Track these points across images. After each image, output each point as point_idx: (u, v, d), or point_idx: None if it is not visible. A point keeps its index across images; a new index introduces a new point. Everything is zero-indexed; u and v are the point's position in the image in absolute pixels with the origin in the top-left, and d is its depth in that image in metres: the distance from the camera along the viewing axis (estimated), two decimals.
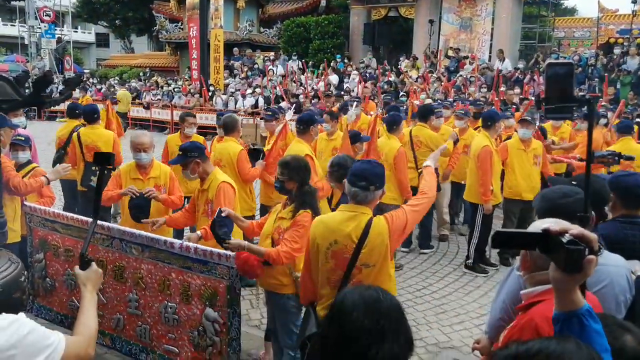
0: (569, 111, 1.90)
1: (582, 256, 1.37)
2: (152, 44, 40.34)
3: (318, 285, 3.24)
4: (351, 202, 3.15)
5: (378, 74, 18.61)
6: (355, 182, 3.10)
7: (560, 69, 1.86)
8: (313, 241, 3.20)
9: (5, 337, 1.75)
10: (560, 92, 1.87)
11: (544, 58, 17.72)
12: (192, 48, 22.31)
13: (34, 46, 33.22)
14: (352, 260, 3.04)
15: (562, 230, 1.40)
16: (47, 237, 4.79)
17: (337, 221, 3.13)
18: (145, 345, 4.19)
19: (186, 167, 4.44)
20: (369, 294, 1.71)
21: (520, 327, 2.10)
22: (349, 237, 3.05)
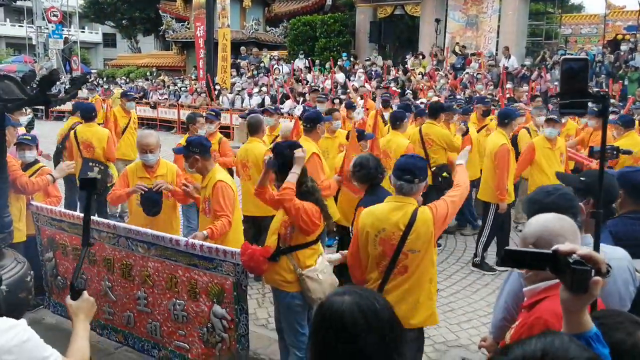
0: (584, 106, 1.88)
1: (588, 277, 1.36)
2: (158, 43, 40.46)
3: (366, 271, 3.54)
4: (397, 194, 3.46)
5: (384, 72, 18.58)
6: (401, 175, 3.40)
7: (575, 65, 1.84)
8: (363, 230, 3.48)
9: (5, 340, 1.70)
10: (574, 87, 1.85)
11: (550, 55, 17.64)
12: (199, 47, 22.34)
13: (41, 47, 33.39)
14: (398, 246, 3.34)
15: (570, 250, 1.39)
16: (55, 236, 4.81)
17: (385, 211, 3.43)
18: (157, 342, 4.22)
19: (187, 160, 4.48)
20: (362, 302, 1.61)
21: (529, 325, 2.07)
22: (396, 226, 3.35)
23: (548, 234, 2.11)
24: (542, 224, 2.16)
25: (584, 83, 1.86)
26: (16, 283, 3.56)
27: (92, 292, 4.57)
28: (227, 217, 4.29)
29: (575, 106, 1.89)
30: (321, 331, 1.60)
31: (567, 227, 2.12)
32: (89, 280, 4.59)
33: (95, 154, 7.18)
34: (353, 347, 1.54)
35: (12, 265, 3.66)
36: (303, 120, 6.00)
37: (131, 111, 9.05)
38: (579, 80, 1.86)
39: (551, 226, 2.13)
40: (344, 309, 1.56)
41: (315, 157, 5.44)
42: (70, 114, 8.23)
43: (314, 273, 3.69)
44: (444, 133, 7.28)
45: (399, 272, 3.41)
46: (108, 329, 4.54)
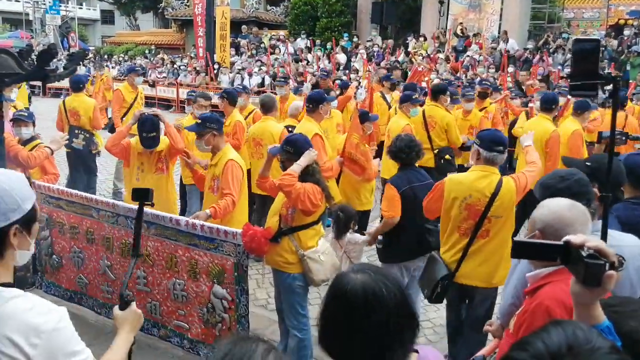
0: (594, 88, 1.85)
1: (601, 271, 1.34)
2: (157, 21, 39.97)
3: (447, 231, 3.81)
4: (485, 164, 3.70)
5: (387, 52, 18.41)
6: (493, 147, 3.67)
7: (588, 45, 1.80)
8: (449, 195, 3.74)
9: (39, 321, 1.63)
10: (585, 69, 1.82)
11: (554, 39, 17.47)
12: (198, 25, 22.09)
13: (38, 22, 33.00)
14: (484, 212, 3.62)
15: (581, 242, 1.36)
16: (52, 214, 4.78)
17: (471, 179, 3.71)
18: (157, 321, 4.22)
19: (201, 137, 4.42)
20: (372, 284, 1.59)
21: (531, 311, 2.07)
22: (482, 192, 3.63)
23: (558, 221, 2.10)
24: (553, 210, 2.14)
25: (594, 64, 1.83)
26: None
27: (90, 271, 4.57)
28: (232, 197, 4.27)
29: (586, 88, 1.85)
30: (329, 302, 1.62)
31: (579, 216, 2.11)
32: (87, 258, 4.58)
33: (81, 122, 7.66)
34: (353, 325, 1.54)
35: None
36: (306, 100, 5.95)
37: (138, 87, 9.06)
38: (590, 61, 1.83)
39: (562, 214, 2.11)
40: (351, 286, 1.56)
41: (318, 138, 5.40)
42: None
43: (316, 254, 3.68)
44: (447, 115, 7.23)
45: (481, 235, 3.67)
46: (107, 307, 4.53)
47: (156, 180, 4.99)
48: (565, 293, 1.99)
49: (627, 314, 1.65)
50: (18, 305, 1.65)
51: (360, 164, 5.36)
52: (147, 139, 4.86)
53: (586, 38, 1.88)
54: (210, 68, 19.90)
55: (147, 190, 2.35)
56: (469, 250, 3.69)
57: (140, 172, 5.03)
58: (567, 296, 1.98)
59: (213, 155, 4.48)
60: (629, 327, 1.58)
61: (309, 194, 3.55)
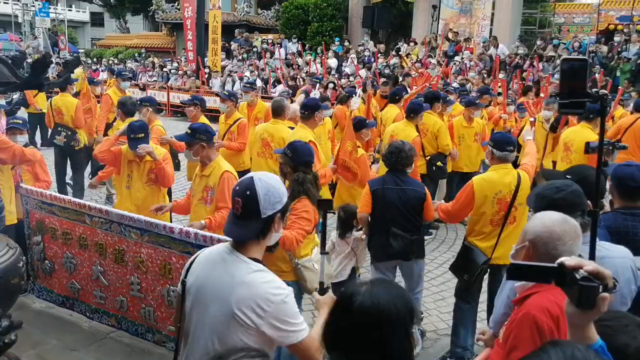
0: (582, 106, 1.90)
1: (595, 293, 1.37)
2: (148, 24, 39.86)
3: (476, 226, 4.32)
4: (498, 162, 4.29)
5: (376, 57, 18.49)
6: (505, 147, 4.25)
7: (576, 64, 1.85)
8: (480, 193, 4.23)
9: (273, 293, 2.05)
10: (574, 87, 1.87)
11: (544, 46, 17.60)
12: (187, 29, 22.06)
13: (27, 25, 32.76)
14: (511, 202, 4.20)
15: (576, 265, 1.39)
16: (45, 220, 4.79)
17: (497, 177, 4.26)
18: (151, 326, 4.23)
19: (190, 148, 4.39)
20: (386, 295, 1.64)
21: (518, 321, 2.10)
22: (509, 186, 4.21)
23: (548, 235, 2.14)
24: (545, 224, 2.18)
25: (583, 83, 1.88)
26: (9, 269, 3.54)
27: (83, 276, 4.58)
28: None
29: (574, 106, 1.90)
30: (335, 310, 1.70)
31: (569, 231, 2.14)
32: (79, 264, 4.58)
33: (64, 120, 8.18)
34: (351, 333, 1.60)
35: (4, 251, 3.62)
36: (301, 107, 5.98)
37: (126, 91, 9.06)
38: (578, 80, 1.87)
39: (552, 228, 2.15)
40: (354, 296, 1.61)
41: (312, 145, 5.43)
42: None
43: (310, 262, 3.72)
44: (439, 123, 7.30)
45: (510, 222, 4.24)
46: (100, 313, 4.54)
47: (148, 191, 5.00)
48: (552, 302, 2.04)
49: (618, 328, 1.69)
50: (259, 277, 2.09)
51: (353, 170, 5.41)
52: (133, 140, 4.84)
53: (574, 57, 1.94)
54: (201, 72, 19.87)
55: (330, 200, 3.00)
56: (501, 236, 4.24)
57: (130, 180, 5.02)
58: (553, 305, 2.03)
59: (203, 166, 4.43)
60: (619, 342, 1.62)
61: (304, 233, 3.56)
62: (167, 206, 4.64)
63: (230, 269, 2.11)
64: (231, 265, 2.12)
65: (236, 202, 2.15)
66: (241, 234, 2.16)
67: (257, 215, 2.12)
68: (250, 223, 2.13)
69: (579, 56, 15.66)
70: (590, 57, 15.84)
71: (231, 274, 2.09)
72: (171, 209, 4.73)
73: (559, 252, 2.11)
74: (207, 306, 2.12)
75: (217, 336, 2.08)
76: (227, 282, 2.08)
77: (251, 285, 2.05)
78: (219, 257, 2.19)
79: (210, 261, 2.21)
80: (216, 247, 2.28)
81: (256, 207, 2.10)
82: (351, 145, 5.43)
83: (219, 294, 2.08)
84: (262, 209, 2.11)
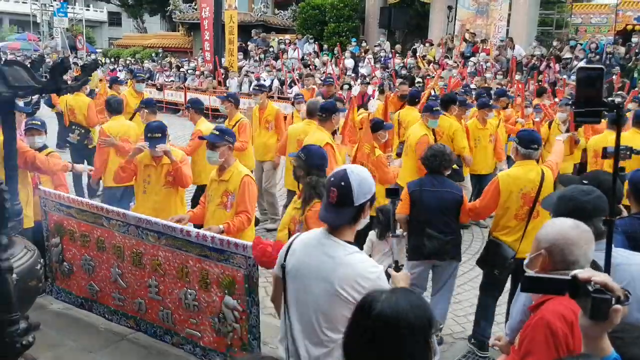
0: (598, 115, 1.89)
1: (607, 305, 1.38)
2: (165, 24, 40.13)
3: (501, 220, 4.49)
4: (522, 159, 4.45)
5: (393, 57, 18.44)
6: (529, 145, 4.42)
7: (592, 73, 1.85)
8: (506, 190, 4.40)
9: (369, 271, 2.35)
10: (589, 96, 1.86)
11: (561, 46, 17.43)
12: (204, 29, 22.19)
13: (46, 25, 33.18)
14: (536, 197, 4.34)
15: (588, 277, 1.41)
16: (63, 222, 4.85)
17: (522, 173, 4.41)
18: (169, 328, 4.27)
19: (215, 149, 4.38)
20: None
21: (532, 326, 2.11)
22: (534, 182, 4.37)
23: (564, 241, 2.15)
24: (558, 230, 2.20)
25: (599, 92, 1.88)
26: (27, 271, 3.58)
27: (102, 278, 4.63)
28: (248, 215, 4.31)
29: (589, 115, 1.90)
30: (354, 316, 1.72)
31: (583, 236, 2.16)
32: (97, 266, 4.64)
33: (77, 119, 8.71)
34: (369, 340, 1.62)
35: (22, 253, 3.66)
36: (319, 109, 6.00)
37: (143, 92, 9.23)
38: (594, 88, 1.87)
39: (568, 233, 2.17)
40: (374, 303, 1.64)
41: (329, 147, 5.47)
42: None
43: None
44: (455, 125, 7.28)
45: (534, 216, 4.39)
46: (118, 314, 4.59)
47: (165, 194, 5.04)
48: (566, 308, 2.04)
49: (629, 340, 1.69)
50: (357, 258, 2.37)
51: (370, 173, 5.45)
52: (150, 139, 4.90)
53: (590, 66, 1.94)
54: (218, 72, 19.97)
55: (397, 189, 3.15)
56: (526, 230, 4.38)
57: (147, 185, 5.07)
58: (568, 311, 2.03)
59: (221, 171, 4.46)
60: (631, 354, 1.62)
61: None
62: (186, 217, 4.65)
63: (329, 252, 2.39)
64: (329, 248, 2.40)
65: (332, 191, 2.41)
66: (337, 220, 2.43)
67: (351, 203, 2.38)
68: (344, 210, 2.40)
69: (596, 57, 15.51)
70: (607, 58, 15.66)
71: (331, 256, 2.37)
72: (189, 220, 4.75)
73: (576, 257, 2.14)
74: (310, 286, 2.39)
75: (321, 312, 2.35)
76: (328, 263, 2.36)
77: (351, 265, 2.33)
78: (316, 241, 2.47)
79: (309, 245, 2.49)
80: (312, 233, 2.58)
81: (350, 196, 2.37)
82: (368, 148, 5.52)
83: (321, 275, 2.36)
84: (355, 197, 2.37)
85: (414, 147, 6.63)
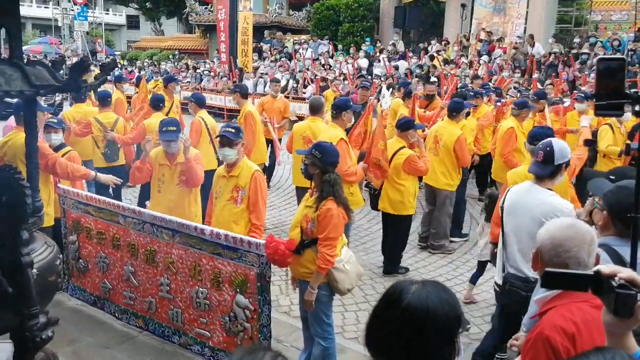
0: (620, 107, 1.83)
1: (633, 301, 1.34)
2: (181, 26, 40.42)
3: None
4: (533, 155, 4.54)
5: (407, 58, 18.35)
6: (532, 141, 4.63)
7: (613, 64, 1.79)
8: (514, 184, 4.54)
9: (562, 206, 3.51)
10: (611, 88, 1.80)
11: (581, 44, 17.18)
12: (220, 31, 22.28)
13: (66, 28, 33.61)
14: None
15: (612, 273, 1.36)
16: (80, 220, 4.88)
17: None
18: (178, 328, 4.26)
19: (232, 146, 4.38)
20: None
21: (532, 342, 2.04)
22: None
23: (549, 242, 2.14)
24: (547, 230, 2.19)
25: (620, 83, 1.81)
26: (46, 266, 3.59)
27: (115, 276, 4.65)
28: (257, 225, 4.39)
29: (611, 107, 1.84)
30: (382, 308, 1.64)
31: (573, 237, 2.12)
32: (112, 264, 4.66)
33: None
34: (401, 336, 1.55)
35: (43, 249, 3.68)
36: (331, 107, 6.02)
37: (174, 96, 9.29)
38: (615, 80, 1.81)
39: (554, 234, 2.15)
40: (403, 294, 1.58)
41: (343, 143, 5.47)
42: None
43: (340, 263, 3.68)
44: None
45: None
46: (128, 313, 4.60)
47: (179, 193, 5.04)
48: (566, 319, 1.98)
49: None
50: (555, 199, 3.53)
51: (384, 169, 5.64)
52: (165, 133, 4.93)
53: (611, 57, 1.87)
54: (233, 73, 20.04)
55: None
56: None
57: (162, 184, 5.07)
58: (568, 323, 1.97)
59: (230, 167, 4.46)
60: None
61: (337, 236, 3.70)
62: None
63: (536, 195, 3.58)
64: (536, 193, 3.59)
65: (539, 153, 3.61)
66: (542, 173, 3.60)
67: (552, 162, 3.56)
68: (547, 167, 3.58)
69: (617, 55, 15.24)
70: (629, 56, 15.39)
71: (538, 198, 3.55)
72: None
73: (563, 260, 2.08)
74: (522, 218, 3.55)
75: (531, 237, 3.16)
76: (535, 202, 3.53)
77: (551, 204, 3.49)
78: (525, 189, 3.68)
79: (520, 192, 3.69)
80: (523, 184, 3.77)
81: (552, 157, 3.56)
82: (383, 145, 5.59)
83: (530, 210, 3.52)
84: (556, 158, 3.56)
85: (450, 148, 6.60)
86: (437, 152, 6.71)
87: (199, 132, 7.03)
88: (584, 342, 1.91)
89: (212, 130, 7.05)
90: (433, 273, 6.25)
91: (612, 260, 2.36)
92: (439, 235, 6.81)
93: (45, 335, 3.20)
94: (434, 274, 6.24)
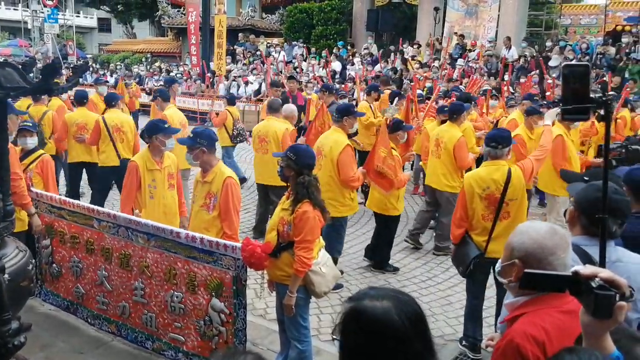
0: (586, 112, 1.88)
1: (612, 302, 1.33)
2: (154, 29, 40.03)
3: (473, 221, 4.47)
4: (491, 159, 4.47)
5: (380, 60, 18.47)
6: (489, 143, 4.47)
7: (577, 70, 1.85)
8: (470, 189, 4.45)
9: None
10: (576, 93, 1.85)
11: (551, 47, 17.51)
12: (191, 33, 22.16)
13: (36, 31, 32.99)
14: (501, 198, 4.36)
15: (592, 274, 1.36)
16: (54, 224, 4.81)
17: (486, 173, 4.44)
18: (151, 333, 4.22)
19: (191, 151, 4.36)
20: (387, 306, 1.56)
21: (502, 350, 1.98)
22: (497, 183, 4.37)
23: (540, 251, 2.02)
24: (534, 238, 2.05)
25: (585, 88, 1.86)
26: (18, 272, 3.54)
27: (88, 281, 4.59)
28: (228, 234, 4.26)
29: (577, 111, 1.89)
30: (354, 335, 1.55)
31: (560, 244, 2.05)
32: (85, 268, 4.60)
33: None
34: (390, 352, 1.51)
35: (14, 253, 3.63)
36: (335, 111, 6.01)
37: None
38: (580, 85, 1.86)
39: (544, 243, 2.03)
40: (382, 315, 1.51)
41: (349, 149, 5.51)
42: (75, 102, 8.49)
43: (317, 266, 3.69)
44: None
45: (503, 217, 4.39)
46: (100, 319, 4.55)
47: (171, 197, 5.00)
48: (537, 327, 1.92)
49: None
50: None
51: (389, 178, 5.57)
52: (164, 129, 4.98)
53: (576, 63, 1.93)
54: (206, 76, 19.94)
55: None
56: (494, 231, 4.38)
57: (154, 190, 4.93)
58: (539, 330, 1.92)
59: (204, 172, 4.39)
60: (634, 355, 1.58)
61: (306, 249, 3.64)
62: (185, 223, 4.80)
63: None
64: None
65: None
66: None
67: None
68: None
69: (586, 58, 15.60)
70: (598, 59, 15.76)
71: None
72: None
73: (554, 267, 2.00)
74: None
75: None
76: None
77: None
78: None
79: None
80: None
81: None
82: (385, 152, 5.55)
83: None
84: None
85: (451, 150, 6.66)
86: (438, 154, 6.81)
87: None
88: (554, 349, 1.83)
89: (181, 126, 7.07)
90: (407, 274, 6.32)
91: (582, 260, 2.31)
92: (443, 237, 6.81)
93: (18, 342, 3.16)
94: (409, 275, 6.31)
